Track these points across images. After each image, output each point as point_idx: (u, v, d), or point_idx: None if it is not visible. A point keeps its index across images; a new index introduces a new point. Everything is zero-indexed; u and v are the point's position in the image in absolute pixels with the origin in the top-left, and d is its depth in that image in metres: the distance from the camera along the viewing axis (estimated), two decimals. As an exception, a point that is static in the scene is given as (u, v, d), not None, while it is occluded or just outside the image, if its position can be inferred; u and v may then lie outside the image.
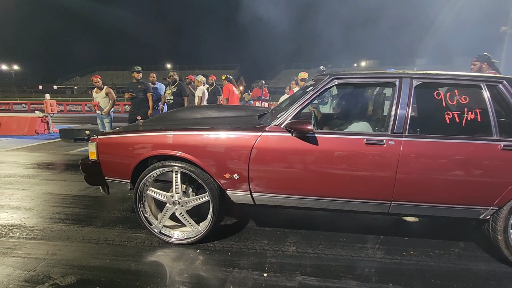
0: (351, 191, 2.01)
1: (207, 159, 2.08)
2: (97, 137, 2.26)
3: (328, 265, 2.05)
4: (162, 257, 2.11)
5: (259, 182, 2.08)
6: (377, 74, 2.08)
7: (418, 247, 2.30)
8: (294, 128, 1.93)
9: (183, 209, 2.24)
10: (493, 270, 2.03)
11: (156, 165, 2.15)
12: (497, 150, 1.84)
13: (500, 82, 1.94)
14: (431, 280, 1.90)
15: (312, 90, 2.09)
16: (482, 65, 3.22)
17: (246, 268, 1.98)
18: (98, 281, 1.82)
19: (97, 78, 5.43)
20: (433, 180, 1.90)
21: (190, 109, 3.17)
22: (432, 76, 2.00)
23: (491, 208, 1.93)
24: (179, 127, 2.23)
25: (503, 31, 13.98)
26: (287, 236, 2.44)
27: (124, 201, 3.14)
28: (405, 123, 1.93)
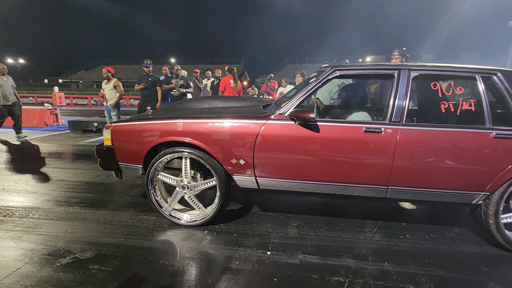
0: (351, 176, 2.13)
1: (214, 146, 2.21)
2: (111, 125, 2.40)
3: (328, 245, 2.18)
4: (172, 236, 2.26)
5: (263, 168, 2.21)
6: (376, 66, 2.18)
7: (414, 231, 2.42)
8: (297, 116, 2.04)
9: (191, 193, 2.38)
10: (484, 252, 2.14)
11: (166, 151, 2.28)
12: (489, 138, 1.94)
13: (495, 74, 2.03)
14: (424, 260, 2.02)
15: (315, 81, 2.20)
16: (402, 59, 3.55)
17: (251, 247, 2.13)
18: (114, 255, 1.98)
19: (108, 69, 5.54)
20: (428, 166, 2.01)
21: (198, 99, 3.30)
22: (429, 68, 2.09)
23: (483, 193, 2.04)
24: (188, 115, 2.36)
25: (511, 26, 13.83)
26: (290, 220, 2.57)
27: (134, 188, 3.29)
28: (403, 112, 2.03)
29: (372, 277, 1.82)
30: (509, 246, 2.07)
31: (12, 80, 6.08)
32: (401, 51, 3.57)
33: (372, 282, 1.78)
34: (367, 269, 1.90)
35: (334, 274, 1.84)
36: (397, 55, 3.60)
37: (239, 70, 43.05)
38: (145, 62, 5.21)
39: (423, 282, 1.78)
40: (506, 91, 1.99)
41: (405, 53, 3.59)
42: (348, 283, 1.76)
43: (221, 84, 5.93)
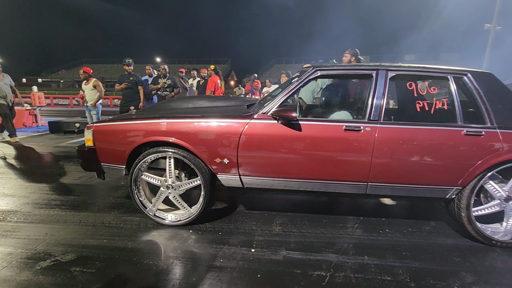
0: (332, 174, 2.20)
1: (198, 145, 2.22)
2: (93, 125, 2.36)
3: (311, 241, 2.23)
4: (156, 236, 2.26)
5: (247, 166, 2.24)
6: (356, 66, 2.26)
7: (393, 226, 2.52)
8: (280, 115, 2.09)
9: (176, 193, 2.38)
10: (457, 243, 2.26)
11: (150, 151, 2.27)
12: (460, 135, 2.05)
13: (465, 75, 2.15)
14: (402, 252, 2.11)
15: (297, 81, 2.25)
16: (351, 59, 3.68)
17: (235, 245, 2.15)
18: (97, 257, 1.96)
19: (84, 70, 5.42)
20: (404, 162, 2.10)
21: (182, 99, 3.29)
22: (405, 68, 2.19)
23: (456, 188, 2.15)
24: (172, 115, 2.36)
25: (487, 29, 14.48)
26: (274, 218, 2.62)
27: (118, 189, 3.25)
28: (381, 111, 2.11)
29: (352, 270, 1.89)
30: (480, 237, 2.19)
31: (10, 78, 5.67)
32: (353, 51, 3.70)
33: (352, 275, 1.84)
34: (348, 263, 1.96)
35: (316, 269, 1.89)
36: (347, 54, 3.71)
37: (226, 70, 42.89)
38: (126, 61, 5.13)
39: (400, 273, 1.87)
40: (476, 90, 2.11)
41: (357, 54, 3.72)
42: (329, 277, 1.81)
43: (210, 84, 5.92)
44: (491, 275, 1.88)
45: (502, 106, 2.08)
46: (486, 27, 14.50)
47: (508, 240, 2.19)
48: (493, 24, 14.09)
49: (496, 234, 2.22)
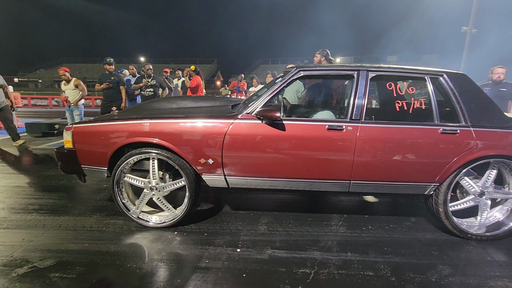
0: (316, 172, 2.23)
1: (183, 146, 2.20)
2: (72, 126, 2.30)
3: (296, 240, 2.26)
4: (140, 239, 2.22)
5: (232, 167, 2.24)
6: (338, 67, 2.30)
7: (376, 222, 2.58)
8: (264, 115, 2.10)
9: (160, 194, 2.35)
10: (436, 238, 2.35)
11: (133, 152, 2.23)
12: (437, 133, 2.13)
13: (441, 75, 2.23)
14: (384, 248, 2.17)
15: (281, 81, 2.28)
16: (321, 59, 3.83)
17: (221, 246, 2.15)
18: (77, 262, 1.90)
19: (64, 70, 5.24)
20: (385, 160, 2.17)
21: (166, 99, 3.25)
22: (385, 69, 2.25)
23: (434, 184, 2.23)
24: (156, 115, 2.32)
25: (464, 31, 15.09)
26: (260, 217, 2.63)
27: (100, 191, 3.16)
28: (362, 110, 2.17)
29: (336, 267, 1.93)
30: (456, 231, 2.29)
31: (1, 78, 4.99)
32: (323, 52, 3.83)
33: (336, 271, 1.88)
34: (332, 260, 2.00)
35: (301, 267, 1.92)
36: (318, 55, 3.83)
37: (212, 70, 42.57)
38: (107, 60, 5.00)
39: (382, 268, 1.92)
40: (451, 90, 2.20)
41: (327, 55, 3.84)
42: (313, 274, 1.84)
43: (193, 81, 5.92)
44: (467, 267, 1.96)
45: (475, 106, 2.18)
46: (463, 30, 15.11)
47: (482, 233, 2.29)
48: (469, 27, 14.70)
49: (471, 228, 2.32)
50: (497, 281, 1.83)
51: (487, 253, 2.14)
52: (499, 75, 4.10)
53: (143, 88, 5.39)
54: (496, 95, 4.05)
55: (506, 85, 4.13)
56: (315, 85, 3.30)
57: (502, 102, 4.11)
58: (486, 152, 2.12)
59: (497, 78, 4.10)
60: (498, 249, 2.20)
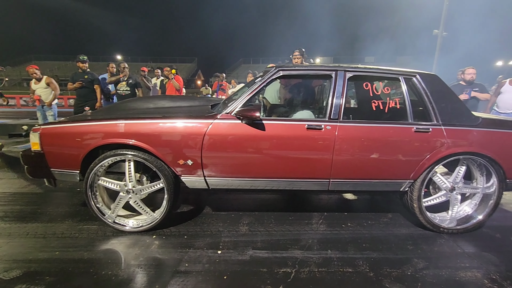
0: (297, 172, 2.24)
1: (160, 147, 2.14)
2: (40, 127, 2.16)
3: (277, 239, 2.26)
4: (116, 245, 2.13)
5: (212, 167, 2.20)
6: (316, 67, 2.33)
7: (355, 219, 2.64)
8: (243, 115, 2.08)
9: (137, 197, 2.26)
10: (411, 233, 2.44)
11: (107, 154, 2.14)
12: (411, 132, 2.21)
13: (414, 76, 2.32)
14: (363, 244, 2.22)
15: (260, 81, 2.27)
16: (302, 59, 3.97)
17: (201, 248, 2.11)
18: (47, 272, 1.79)
19: (34, 68, 4.95)
20: (363, 159, 2.22)
21: (142, 99, 3.15)
22: (362, 69, 2.30)
23: (408, 181, 2.31)
24: (132, 116, 2.24)
25: (435, 34, 15.84)
26: (241, 218, 2.61)
27: (73, 196, 3.01)
28: (340, 110, 2.20)
29: (317, 265, 1.95)
30: (430, 226, 2.39)
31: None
32: (301, 51, 3.91)
33: (316, 269, 1.90)
34: (312, 258, 2.02)
35: (282, 266, 1.92)
36: (298, 55, 3.89)
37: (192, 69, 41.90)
38: (80, 57, 4.75)
39: (360, 264, 1.96)
40: (423, 90, 2.29)
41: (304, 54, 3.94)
42: (294, 273, 1.85)
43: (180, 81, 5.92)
44: (439, 260, 2.05)
45: (446, 105, 2.28)
46: (434, 32, 15.86)
47: (453, 227, 2.41)
48: (440, 30, 15.45)
49: (443, 222, 2.43)
50: (467, 272, 1.92)
51: (457, 246, 2.24)
52: (471, 75, 4.28)
53: (119, 87, 5.19)
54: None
55: (477, 85, 4.34)
56: (295, 85, 3.33)
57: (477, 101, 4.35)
58: (456, 149, 2.22)
59: (471, 79, 4.29)
60: (467, 241, 2.31)
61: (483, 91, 4.33)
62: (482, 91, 4.32)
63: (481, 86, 4.39)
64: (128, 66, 5.31)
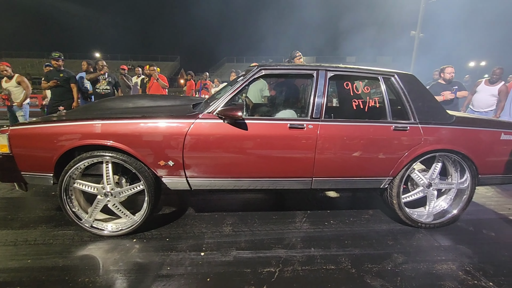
0: (280, 171, 2.25)
1: (140, 148, 2.07)
2: (8, 128, 2.04)
3: (261, 239, 2.26)
4: (94, 250, 2.05)
5: (194, 168, 2.16)
6: (298, 66, 2.34)
7: (337, 217, 2.68)
8: (226, 114, 2.06)
9: (116, 200, 2.19)
10: (391, 228, 2.50)
11: (83, 156, 2.05)
12: (390, 130, 2.26)
13: (393, 76, 2.38)
14: (345, 241, 2.26)
15: (242, 80, 2.25)
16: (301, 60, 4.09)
17: (184, 250, 2.06)
18: (18, 281, 1.69)
19: (4, 65, 4.68)
20: (344, 157, 2.25)
21: (121, 98, 3.05)
22: (342, 69, 2.34)
23: (388, 178, 2.37)
24: (110, 115, 2.15)
25: (412, 35, 16.41)
26: (225, 218, 2.58)
27: (47, 200, 2.87)
28: (322, 109, 2.22)
29: (300, 263, 1.96)
30: (409, 221, 2.46)
31: None
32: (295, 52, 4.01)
33: (300, 268, 1.91)
34: (296, 257, 2.03)
35: (266, 266, 1.91)
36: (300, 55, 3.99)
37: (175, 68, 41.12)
38: (54, 54, 4.50)
39: (343, 261, 1.99)
40: (401, 90, 2.35)
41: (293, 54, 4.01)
42: (278, 272, 1.85)
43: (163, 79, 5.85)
44: (418, 254, 2.12)
45: (422, 104, 2.35)
46: (411, 34, 16.43)
47: (430, 222, 2.49)
48: (417, 32, 16.02)
49: (421, 217, 2.51)
50: (443, 264, 2.00)
51: (434, 240, 2.33)
52: (451, 74, 4.35)
53: (98, 86, 4.99)
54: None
55: (456, 83, 4.43)
56: (278, 84, 3.34)
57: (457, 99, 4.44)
58: (432, 146, 2.30)
59: (450, 77, 4.35)
60: (443, 235, 2.40)
61: (461, 89, 4.43)
62: (461, 89, 4.43)
63: (459, 84, 4.50)
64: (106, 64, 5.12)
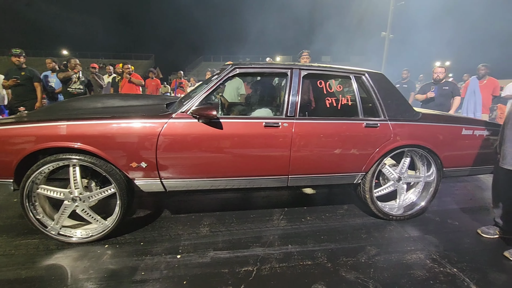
0: (256, 169, 2.25)
1: (110, 150, 1.98)
2: (-40, 131, 1.87)
3: (239, 238, 2.25)
4: (61, 259, 1.93)
5: (168, 169, 2.11)
6: (272, 65, 2.35)
7: (313, 213, 2.73)
8: (200, 114, 2.02)
9: (85, 205, 2.08)
10: (365, 222, 2.59)
11: (47, 159, 1.92)
12: (362, 127, 2.34)
13: (363, 74, 2.46)
14: (321, 236, 2.31)
15: (216, 78, 2.22)
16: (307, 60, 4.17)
17: (159, 254, 2.01)
18: (-26, 297, 1.56)
19: None
20: (319, 154, 2.30)
21: (89, 98, 2.90)
22: (315, 68, 2.38)
23: (361, 173, 2.45)
24: (77, 116, 2.04)
25: (383, 36, 17.10)
26: (202, 219, 2.54)
27: (7, 208, 2.67)
28: (296, 107, 2.25)
29: (278, 260, 1.97)
30: (381, 214, 2.56)
31: None
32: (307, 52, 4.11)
33: (278, 265, 1.92)
34: (274, 254, 2.04)
35: (244, 265, 1.91)
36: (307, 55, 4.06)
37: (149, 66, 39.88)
38: (14, 51, 4.16)
39: (319, 256, 2.04)
40: (371, 88, 2.44)
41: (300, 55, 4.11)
42: (256, 271, 1.85)
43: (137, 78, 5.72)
44: (389, 245, 2.21)
45: (391, 102, 2.45)
46: (382, 35, 17.13)
47: (401, 214, 2.61)
48: (387, 33, 16.73)
49: (392, 210, 2.62)
50: (412, 254, 2.10)
51: (405, 231, 2.44)
52: (437, 74, 4.39)
53: (71, 85, 4.70)
54: (440, 93, 4.35)
55: (448, 84, 4.42)
56: (255, 83, 3.33)
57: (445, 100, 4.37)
58: (401, 142, 2.41)
59: (436, 77, 4.38)
60: (413, 226, 2.53)
61: (454, 90, 4.35)
62: (454, 90, 4.35)
63: (452, 85, 4.41)
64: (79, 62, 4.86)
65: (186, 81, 8.20)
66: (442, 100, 4.39)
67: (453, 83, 4.50)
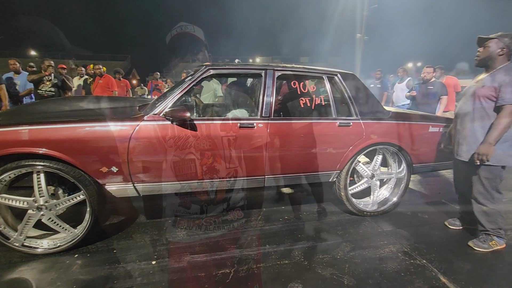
0: (231, 171, 2.23)
1: (78, 155, 1.89)
2: None
3: (216, 241, 2.22)
4: (26, 272, 1.82)
5: (141, 173, 2.05)
6: (246, 66, 2.35)
7: (291, 212, 2.76)
8: (173, 116, 1.98)
9: (51, 214, 1.97)
10: (340, 219, 2.65)
11: (7, 167, 1.81)
12: (335, 126, 2.40)
13: (335, 75, 2.52)
14: (298, 235, 2.34)
15: (190, 80, 2.19)
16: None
17: (133, 261, 1.94)
18: None
19: None
20: (294, 154, 2.33)
21: (56, 100, 2.76)
22: (289, 68, 2.41)
23: (336, 172, 2.51)
24: (41, 120, 1.93)
25: (359, 38, 17.66)
26: (179, 223, 2.49)
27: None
28: (271, 108, 2.27)
29: (255, 261, 1.97)
30: (356, 211, 2.64)
31: None
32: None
33: (255, 266, 1.92)
34: (251, 255, 2.04)
35: (221, 267, 1.89)
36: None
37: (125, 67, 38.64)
38: None
39: (296, 255, 2.06)
40: (344, 88, 2.50)
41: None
42: (233, 273, 1.84)
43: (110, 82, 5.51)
44: (364, 241, 2.28)
45: (363, 101, 2.53)
46: (357, 36, 17.69)
47: (374, 210, 2.70)
48: (362, 34, 17.30)
49: (367, 206, 2.71)
50: (385, 248, 2.18)
51: (378, 226, 2.53)
52: (425, 74, 4.48)
53: (41, 87, 4.44)
54: (423, 92, 4.46)
55: (434, 83, 4.49)
56: (231, 83, 3.32)
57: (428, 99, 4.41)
58: (373, 140, 2.49)
59: (423, 76, 4.49)
60: (386, 221, 2.62)
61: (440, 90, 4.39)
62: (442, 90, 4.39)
63: (438, 84, 4.43)
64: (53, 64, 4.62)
65: (163, 82, 8.02)
66: (426, 99, 4.47)
67: (439, 83, 4.57)
